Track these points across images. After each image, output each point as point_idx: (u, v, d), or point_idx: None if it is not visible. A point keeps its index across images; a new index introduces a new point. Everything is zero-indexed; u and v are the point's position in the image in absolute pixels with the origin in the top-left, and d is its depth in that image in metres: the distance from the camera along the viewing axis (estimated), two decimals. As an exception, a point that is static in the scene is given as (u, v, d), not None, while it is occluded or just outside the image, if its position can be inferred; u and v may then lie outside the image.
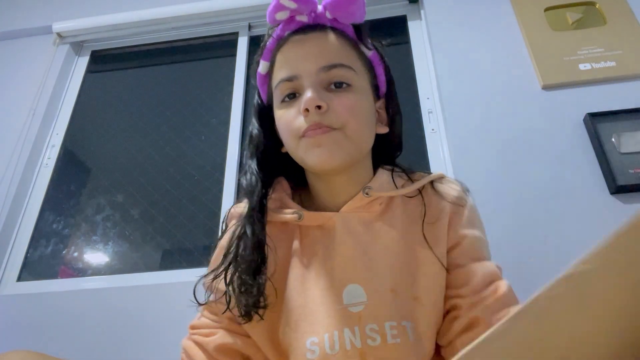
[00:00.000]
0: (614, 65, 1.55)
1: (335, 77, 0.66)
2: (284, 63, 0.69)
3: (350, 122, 0.65)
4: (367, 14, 0.74)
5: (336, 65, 0.66)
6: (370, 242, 0.67)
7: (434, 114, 1.70)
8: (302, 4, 0.68)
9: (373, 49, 0.74)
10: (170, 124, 1.92)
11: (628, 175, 1.34)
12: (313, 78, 0.65)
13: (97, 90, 2.09)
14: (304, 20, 0.70)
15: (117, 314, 1.42)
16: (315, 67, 0.66)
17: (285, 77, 0.67)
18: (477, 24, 1.75)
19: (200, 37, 2.13)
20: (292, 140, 0.67)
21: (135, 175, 1.82)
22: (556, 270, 1.02)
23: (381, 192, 0.69)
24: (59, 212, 1.79)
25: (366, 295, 0.63)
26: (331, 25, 0.70)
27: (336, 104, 0.64)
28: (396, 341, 0.59)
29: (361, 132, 0.67)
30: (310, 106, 0.63)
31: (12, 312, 1.49)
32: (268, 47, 0.74)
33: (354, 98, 0.66)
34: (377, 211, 0.69)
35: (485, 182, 1.43)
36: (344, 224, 0.67)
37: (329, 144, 0.63)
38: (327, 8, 0.69)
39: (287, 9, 0.69)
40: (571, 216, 1.33)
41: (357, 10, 0.70)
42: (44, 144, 1.92)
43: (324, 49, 0.67)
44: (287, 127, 0.67)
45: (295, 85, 0.67)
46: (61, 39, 2.11)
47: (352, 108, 0.65)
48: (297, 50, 0.68)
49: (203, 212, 1.69)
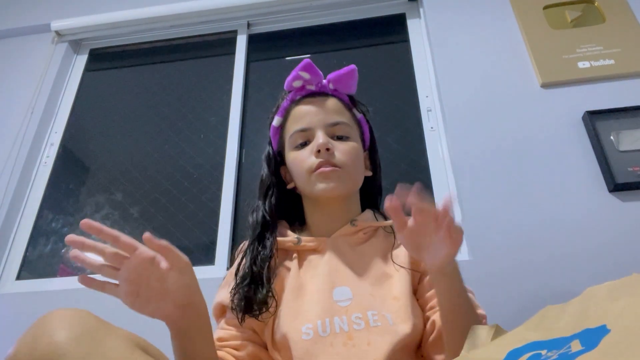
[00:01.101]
0: (613, 63, 1.55)
1: (338, 131, 0.89)
2: (297, 118, 0.91)
3: (349, 164, 0.86)
4: (366, 11, 0.80)
5: (339, 122, 0.89)
6: (355, 260, 0.84)
7: (433, 112, 1.70)
8: (313, 76, 0.92)
9: (361, 113, 0.97)
10: (169, 123, 1.92)
11: (627, 173, 1.34)
12: (323, 129, 0.87)
13: (95, 88, 2.09)
14: (312, 88, 0.93)
15: (117, 313, 1.42)
16: (324, 122, 0.88)
17: (299, 128, 0.89)
18: (476, 23, 1.75)
19: (199, 35, 2.13)
20: (304, 175, 0.86)
21: (134, 174, 1.82)
22: (556, 269, 1.04)
23: (365, 223, 0.89)
24: (58, 210, 1.79)
25: (352, 294, 0.79)
26: (332, 94, 0.93)
27: (340, 149, 0.86)
28: (377, 324, 0.74)
29: (356, 172, 0.89)
30: (322, 147, 0.84)
31: (12, 310, 1.48)
32: (283, 105, 0.95)
33: (352, 146, 0.88)
34: (362, 239, 0.88)
35: (484, 180, 1.43)
36: (334, 246, 0.86)
37: (335, 178, 0.84)
38: (331, 81, 0.93)
39: (301, 79, 0.92)
40: (570, 214, 1.33)
41: (353, 83, 0.95)
42: (43, 143, 1.92)
43: (329, 110, 0.90)
44: (301, 164, 0.87)
45: (307, 135, 0.88)
46: (60, 37, 2.11)
47: (351, 153, 0.87)
48: (309, 109, 0.90)
49: (202, 210, 1.69)
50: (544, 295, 1.23)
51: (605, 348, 0.31)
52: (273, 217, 0.88)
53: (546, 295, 1.23)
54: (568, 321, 0.36)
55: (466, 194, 1.42)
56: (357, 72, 0.93)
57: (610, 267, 1.24)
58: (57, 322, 0.55)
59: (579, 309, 0.37)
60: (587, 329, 0.34)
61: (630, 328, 0.31)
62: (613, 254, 1.25)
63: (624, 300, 0.33)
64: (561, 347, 0.33)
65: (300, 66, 0.91)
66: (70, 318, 0.56)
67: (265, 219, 0.87)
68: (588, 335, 0.33)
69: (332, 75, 0.92)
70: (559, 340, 0.35)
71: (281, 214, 0.93)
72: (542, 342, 0.36)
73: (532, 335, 0.38)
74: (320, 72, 0.93)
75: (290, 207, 0.95)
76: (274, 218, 0.89)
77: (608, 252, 1.26)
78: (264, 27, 2.09)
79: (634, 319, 0.31)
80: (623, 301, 0.33)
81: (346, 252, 0.85)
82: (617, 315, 0.33)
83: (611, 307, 0.34)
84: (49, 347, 0.52)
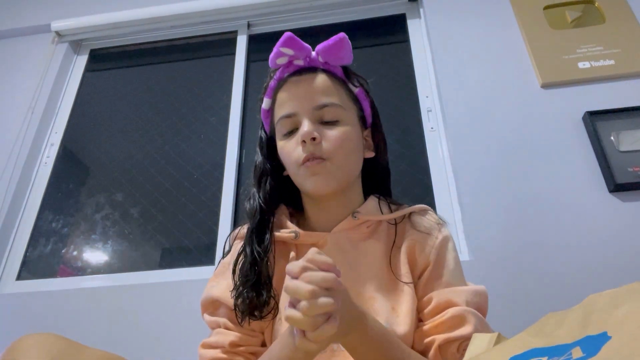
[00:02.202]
0: (613, 64, 1.55)
1: (326, 115, 0.79)
2: (283, 102, 0.82)
3: (339, 152, 0.77)
4: (367, 12, 0.78)
5: (327, 104, 0.79)
6: (356, 258, 0.79)
7: (433, 112, 1.70)
8: (298, 51, 0.81)
9: (359, 86, 0.86)
10: (170, 123, 1.92)
11: (627, 173, 1.34)
12: (308, 115, 0.78)
13: (96, 88, 2.09)
14: (300, 63, 0.83)
15: (117, 313, 1.42)
16: (310, 106, 0.79)
17: (285, 114, 0.80)
18: (476, 23, 1.75)
19: (199, 35, 2.13)
20: (293, 168, 0.80)
21: (135, 174, 1.82)
22: (556, 269, 1.04)
23: (368, 216, 0.81)
24: (58, 210, 1.79)
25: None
26: (323, 68, 0.83)
27: (328, 137, 0.77)
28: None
29: (348, 160, 0.80)
30: (306, 138, 0.75)
31: (12, 310, 1.49)
32: (270, 86, 0.86)
33: (342, 130, 0.79)
34: (365, 233, 0.81)
35: (484, 181, 1.43)
36: (334, 242, 0.80)
37: (324, 173, 0.76)
38: (320, 53, 0.82)
39: (286, 55, 0.82)
40: (570, 214, 1.33)
41: (345, 54, 0.83)
42: (43, 143, 1.92)
43: (317, 91, 0.80)
44: (289, 156, 0.79)
45: (294, 121, 0.80)
46: (60, 37, 2.11)
47: (341, 140, 0.78)
48: (294, 91, 0.81)
49: (202, 210, 1.69)
50: (544, 295, 1.23)
51: (606, 355, 0.31)
52: (269, 206, 0.82)
53: (546, 295, 1.23)
54: (569, 328, 0.36)
55: (466, 194, 1.42)
56: (348, 41, 0.81)
57: (610, 267, 1.24)
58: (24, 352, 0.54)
59: (580, 316, 0.37)
60: (588, 336, 0.34)
61: (632, 335, 0.31)
62: (613, 253, 1.26)
63: (626, 308, 0.33)
64: (562, 354, 0.33)
65: (281, 41, 0.80)
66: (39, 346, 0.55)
67: (262, 209, 0.81)
68: (589, 342, 0.33)
69: (321, 47, 0.81)
70: (560, 347, 0.35)
71: (280, 198, 0.87)
72: (543, 348, 0.36)
73: (534, 341, 0.38)
74: (307, 45, 0.82)
75: (289, 190, 0.87)
76: (269, 208, 0.82)
77: (608, 251, 1.26)
78: (264, 28, 2.09)
79: (635, 327, 0.31)
80: (624, 309, 0.33)
81: (347, 250, 0.80)
82: (619, 323, 0.33)
83: (612, 314, 0.34)
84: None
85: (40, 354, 0.54)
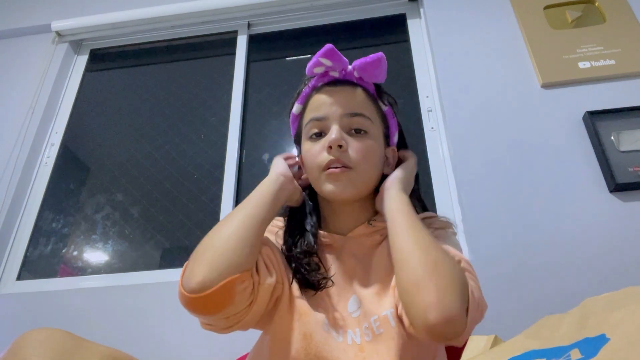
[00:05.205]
0: (614, 64, 1.55)
1: (355, 124, 0.82)
2: (315, 106, 0.85)
3: (362, 163, 0.80)
4: (367, 12, 0.77)
5: (358, 114, 0.82)
6: (369, 263, 0.82)
7: (433, 112, 1.70)
8: (335, 63, 0.84)
9: (388, 105, 0.90)
10: (170, 123, 1.92)
11: (627, 173, 1.34)
12: (338, 121, 0.81)
13: (96, 88, 2.09)
14: (335, 75, 0.86)
15: (117, 313, 1.42)
16: (341, 112, 0.82)
17: (315, 116, 0.84)
18: (477, 23, 1.75)
19: (200, 35, 2.13)
20: (315, 171, 0.82)
21: (135, 174, 1.82)
22: (556, 269, 1.04)
23: (382, 223, 0.82)
24: (59, 210, 1.79)
25: (360, 302, 0.78)
26: (357, 82, 0.86)
27: (354, 146, 0.80)
28: (380, 332, 0.73)
29: (369, 173, 0.83)
30: (333, 144, 0.78)
31: (12, 311, 1.49)
32: (303, 93, 0.89)
33: (369, 143, 0.82)
34: (378, 240, 0.84)
35: (485, 181, 1.43)
36: (349, 246, 0.83)
37: (344, 180, 0.79)
38: (356, 68, 0.85)
39: (323, 65, 0.85)
40: (570, 214, 1.33)
41: (380, 73, 0.86)
42: (43, 143, 1.92)
43: (350, 100, 0.83)
44: (313, 159, 0.82)
45: (323, 125, 0.83)
46: (60, 37, 2.11)
47: (365, 152, 0.81)
48: (327, 98, 0.84)
49: (203, 210, 1.69)
50: (544, 295, 1.23)
51: (604, 357, 0.31)
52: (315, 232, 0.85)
53: (547, 295, 1.23)
54: (567, 330, 0.36)
55: (466, 194, 1.42)
56: (385, 60, 0.85)
57: (611, 267, 1.24)
58: (29, 348, 0.55)
59: (578, 319, 0.37)
60: (586, 338, 0.34)
61: (630, 337, 0.31)
62: (614, 253, 1.26)
63: (623, 310, 0.33)
64: (560, 355, 0.33)
65: (321, 52, 0.84)
66: (44, 341, 0.56)
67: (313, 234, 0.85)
68: (587, 344, 0.33)
69: (358, 63, 0.84)
70: (558, 349, 0.35)
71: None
72: (541, 350, 0.36)
73: (532, 343, 0.38)
74: (345, 59, 0.85)
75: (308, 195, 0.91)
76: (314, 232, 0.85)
77: (608, 252, 1.26)
78: (265, 28, 2.09)
79: (633, 329, 0.31)
80: (622, 311, 0.33)
81: (361, 255, 0.83)
82: (616, 325, 0.33)
83: (610, 316, 0.34)
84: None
85: (47, 349, 0.55)
